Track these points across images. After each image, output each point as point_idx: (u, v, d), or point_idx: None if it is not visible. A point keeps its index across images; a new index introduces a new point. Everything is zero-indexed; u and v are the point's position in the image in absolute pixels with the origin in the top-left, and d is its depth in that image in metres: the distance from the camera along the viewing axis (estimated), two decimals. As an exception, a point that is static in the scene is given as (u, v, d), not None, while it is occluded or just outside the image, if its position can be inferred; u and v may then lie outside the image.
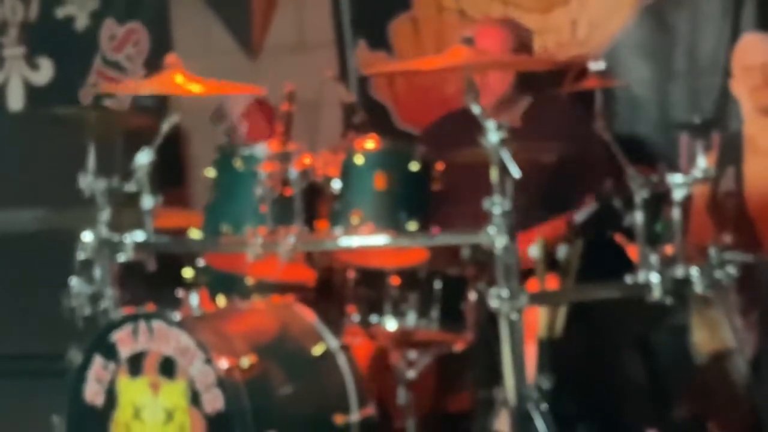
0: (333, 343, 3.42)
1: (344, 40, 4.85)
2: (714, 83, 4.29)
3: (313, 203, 3.33)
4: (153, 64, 4.96)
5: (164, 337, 3.24)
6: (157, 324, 3.26)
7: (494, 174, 3.06)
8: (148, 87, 3.95)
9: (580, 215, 3.52)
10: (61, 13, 5.34)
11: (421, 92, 4.55)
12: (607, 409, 3.66)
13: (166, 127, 3.50)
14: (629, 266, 3.21)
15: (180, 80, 3.55)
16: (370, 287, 3.45)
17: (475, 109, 3.11)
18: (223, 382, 3.16)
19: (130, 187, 3.46)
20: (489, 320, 3.21)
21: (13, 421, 4.22)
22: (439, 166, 3.32)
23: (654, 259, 3.16)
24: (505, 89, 4.00)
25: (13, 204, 4.33)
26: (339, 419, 3.34)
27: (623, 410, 3.73)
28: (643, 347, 3.82)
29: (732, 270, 3.19)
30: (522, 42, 4.08)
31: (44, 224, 4.21)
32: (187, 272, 3.61)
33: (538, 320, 3.45)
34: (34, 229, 4.25)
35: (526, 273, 3.15)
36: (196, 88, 3.59)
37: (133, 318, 3.30)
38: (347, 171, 3.31)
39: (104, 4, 5.25)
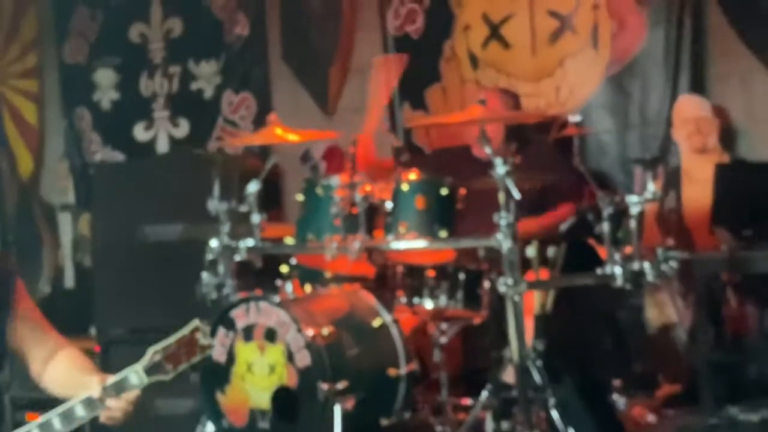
0: (387, 317, 3.41)
1: (394, 103, 4.85)
2: (659, 131, 4.24)
3: (373, 218, 3.32)
4: (259, 122, 5.00)
5: (268, 314, 3.25)
6: (263, 304, 3.26)
7: (501, 196, 3.05)
8: (258, 139, 3.96)
9: (564, 225, 3.49)
10: (194, 86, 5.38)
11: (448, 139, 4.53)
12: (584, 365, 3.63)
13: (268, 165, 3.52)
14: (599, 262, 3.19)
15: (279, 132, 3.57)
16: (413, 278, 3.44)
17: (488, 150, 3.10)
18: (310, 346, 3.16)
19: (243, 208, 3.48)
20: (499, 301, 3.21)
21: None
22: (462, 191, 3.31)
23: (617, 256, 3.13)
24: (499, 137, 3.95)
25: (163, 221, 4.36)
26: (392, 372, 3.33)
27: (596, 366, 3.69)
28: (610, 320, 3.78)
29: (674, 264, 3.15)
30: (514, 103, 4.07)
31: (184, 235, 4.22)
32: (284, 268, 3.62)
33: (534, 301, 3.43)
34: (177, 239, 4.28)
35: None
36: (290, 137, 3.62)
37: (246, 300, 3.31)
38: (396, 195, 3.30)
39: (224, 79, 5.28)
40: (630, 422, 3.48)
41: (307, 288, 3.65)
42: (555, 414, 3.17)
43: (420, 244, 3.25)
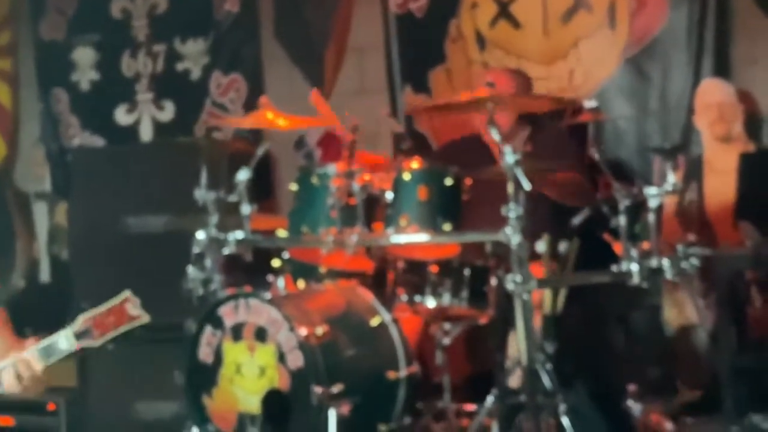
0: (386, 316, 3.42)
1: (394, 85, 4.85)
2: (680, 118, 4.24)
3: (372, 210, 3.32)
4: (250, 106, 5.00)
5: (258, 311, 3.25)
6: (253, 301, 3.27)
7: (510, 187, 3.05)
8: (247, 122, 3.97)
9: (577, 219, 3.49)
10: (180, 66, 5.38)
11: (452, 125, 4.53)
12: (597, 369, 3.63)
13: (260, 152, 3.52)
14: (615, 258, 3.19)
15: (270, 116, 3.57)
16: (415, 274, 3.45)
17: (496, 136, 3.10)
18: (303, 346, 3.16)
19: (232, 197, 3.48)
20: (506, 299, 3.21)
21: (145, 376, 4.26)
22: (468, 181, 3.31)
23: (634, 252, 3.13)
24: (509, 123, 3.93)
25: (146, 212, 4.37)
26: (391, 375, 3.34)
27: (610, 370, 3.70)
28: (625, 321, 3.79)
29: (695, 261, 3.15)
30: (525, 86, 4.05)
31: (169, 226, 4.23)
32: (276, 262, 3.63)
33: (544, 299, 3.43)
34: (162, 230, 4.28)
35: None
36: (282, 122, 3.62)
37: (235, 297, 3.31)
38: (397, 185, 3.30)
39: (213, 59, 5.28)
40: (646, 430, 3.49)
41: (301, 284, 3.66)
42: (566, 421, 3.18)
43: (422, 237, 3.24)
